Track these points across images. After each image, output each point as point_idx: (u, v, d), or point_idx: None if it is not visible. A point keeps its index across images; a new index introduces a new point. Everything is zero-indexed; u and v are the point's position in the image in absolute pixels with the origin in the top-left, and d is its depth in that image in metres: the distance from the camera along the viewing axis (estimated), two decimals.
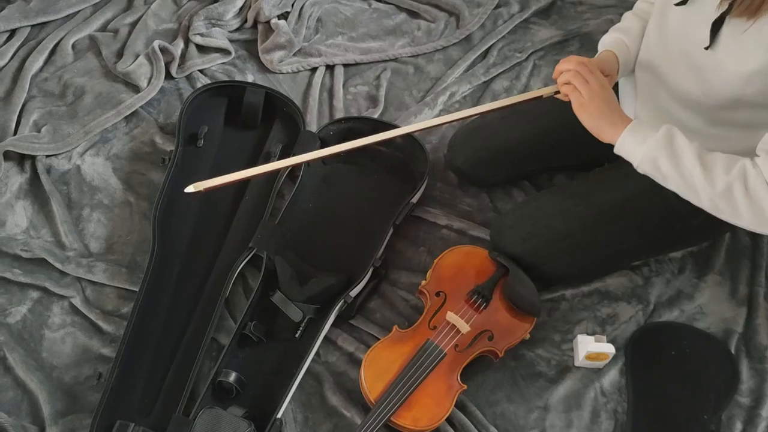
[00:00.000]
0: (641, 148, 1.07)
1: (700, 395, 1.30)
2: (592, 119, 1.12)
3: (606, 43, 1.28)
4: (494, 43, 1.88)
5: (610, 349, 1.29)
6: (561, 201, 1.34)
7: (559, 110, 1.26)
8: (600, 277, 1.44)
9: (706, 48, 1.05)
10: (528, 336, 1.32)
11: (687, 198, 1.08)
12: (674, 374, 1.33)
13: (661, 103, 1.21)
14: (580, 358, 1.31)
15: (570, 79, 1.12)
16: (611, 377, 1.33)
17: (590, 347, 1.28)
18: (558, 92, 1.17)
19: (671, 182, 1.08)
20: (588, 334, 1.34)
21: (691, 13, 1.09)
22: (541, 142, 1.46)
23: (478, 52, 1.86)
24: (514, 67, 1.84)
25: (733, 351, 1.35)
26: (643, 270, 1.46)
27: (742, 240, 1.50)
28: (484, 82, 1.80)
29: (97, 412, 1.22)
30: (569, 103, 1.16)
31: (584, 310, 1.41)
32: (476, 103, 1.75)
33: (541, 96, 1.20)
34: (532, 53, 1.86)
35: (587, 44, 1.89)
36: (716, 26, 1.03)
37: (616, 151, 1.12)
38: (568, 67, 1.13)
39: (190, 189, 1.08)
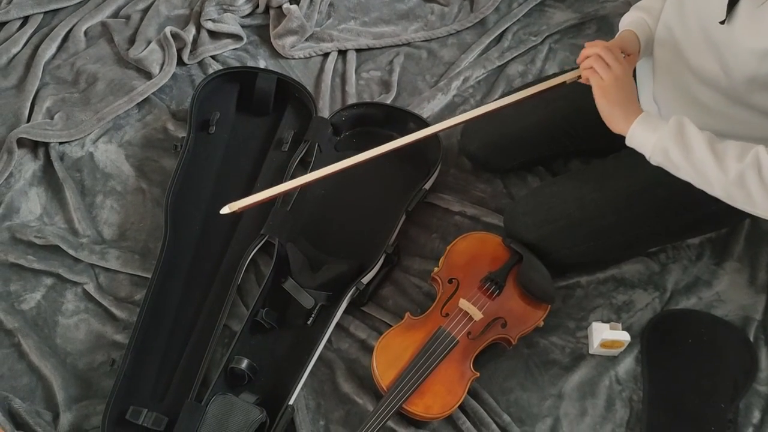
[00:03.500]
0: (652, 137, 1.06)
1: (717, 383, 1.28)
2: (608, 105, 1.11)
3: (627, 22, 1.25)
4: (509, 26, 1.85)
5: (625, 336, 1.28)
6: (576, 187, 1.32)
7: (575, 95, 1.24)
8: (616, 263, 1.42)
9: (722, 22, 1.02)
10: (542, 323, 1.31)
11: (700, 187, 1.07)
12: (691, 362, 1.31)
13: (680, 80, 1.17)
14: (594, 346, 1.30)
15: (593, 64, 1.12)
16: (626, 365, 1.31)
17: (605, 335, 1.27)
18: (580, 77, 1.16)
19: (683, 172, 1.07)
20: (603, 321, 1.33)
21: None
22: (556, 127, 1.43)
23: (493, 36, 1.83)
24: (529, 51, 1.81)
25: (751, 339, 1.33)
26: (660, 256, 1.43)
27: (762, 226, 1.47)
28: (499, 66, 1.77)
29: (111, 397, 1.23)
30: (585, 87, 1.14)
31: (599, 297, 1.39)
32: (490, 88, 1.73)
33: (565, 82, 1.19)
34: (547, 37, 1.83)
35: (604, 27, 1.85)
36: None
37: (627, 142, 1.11)
38: (594, 51, 1.13)
39: (225, 210, 1.13)
